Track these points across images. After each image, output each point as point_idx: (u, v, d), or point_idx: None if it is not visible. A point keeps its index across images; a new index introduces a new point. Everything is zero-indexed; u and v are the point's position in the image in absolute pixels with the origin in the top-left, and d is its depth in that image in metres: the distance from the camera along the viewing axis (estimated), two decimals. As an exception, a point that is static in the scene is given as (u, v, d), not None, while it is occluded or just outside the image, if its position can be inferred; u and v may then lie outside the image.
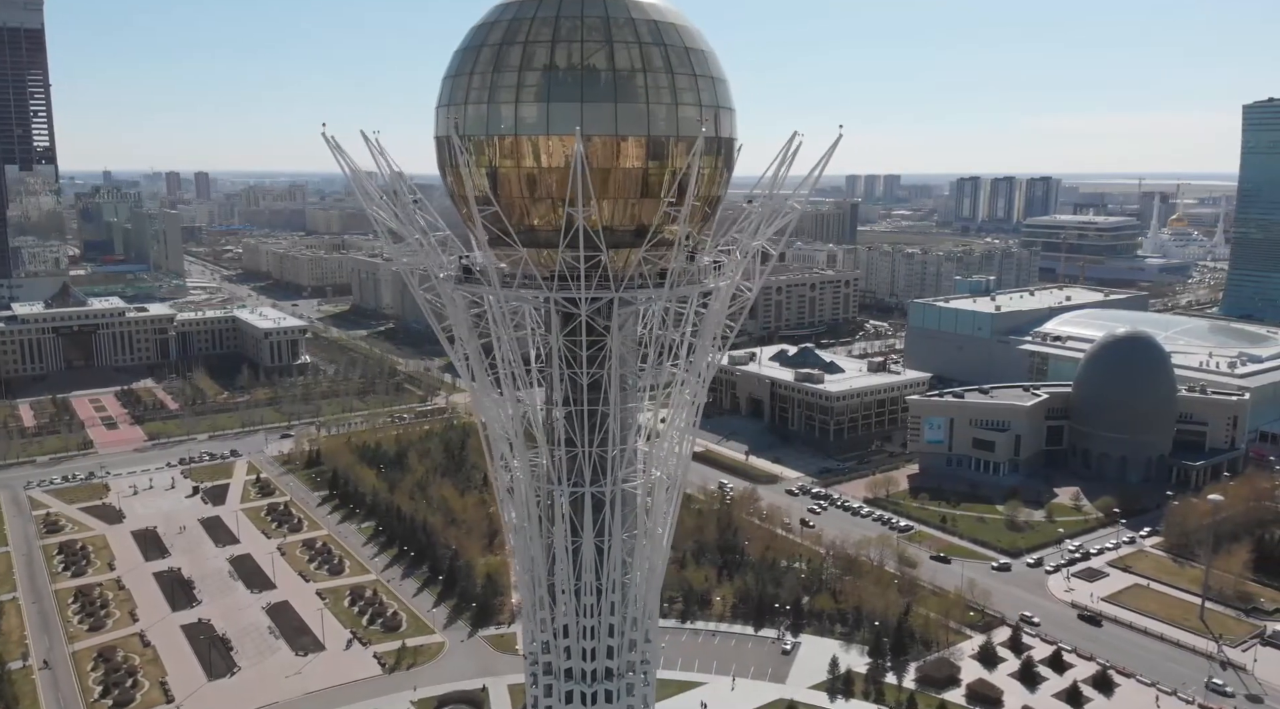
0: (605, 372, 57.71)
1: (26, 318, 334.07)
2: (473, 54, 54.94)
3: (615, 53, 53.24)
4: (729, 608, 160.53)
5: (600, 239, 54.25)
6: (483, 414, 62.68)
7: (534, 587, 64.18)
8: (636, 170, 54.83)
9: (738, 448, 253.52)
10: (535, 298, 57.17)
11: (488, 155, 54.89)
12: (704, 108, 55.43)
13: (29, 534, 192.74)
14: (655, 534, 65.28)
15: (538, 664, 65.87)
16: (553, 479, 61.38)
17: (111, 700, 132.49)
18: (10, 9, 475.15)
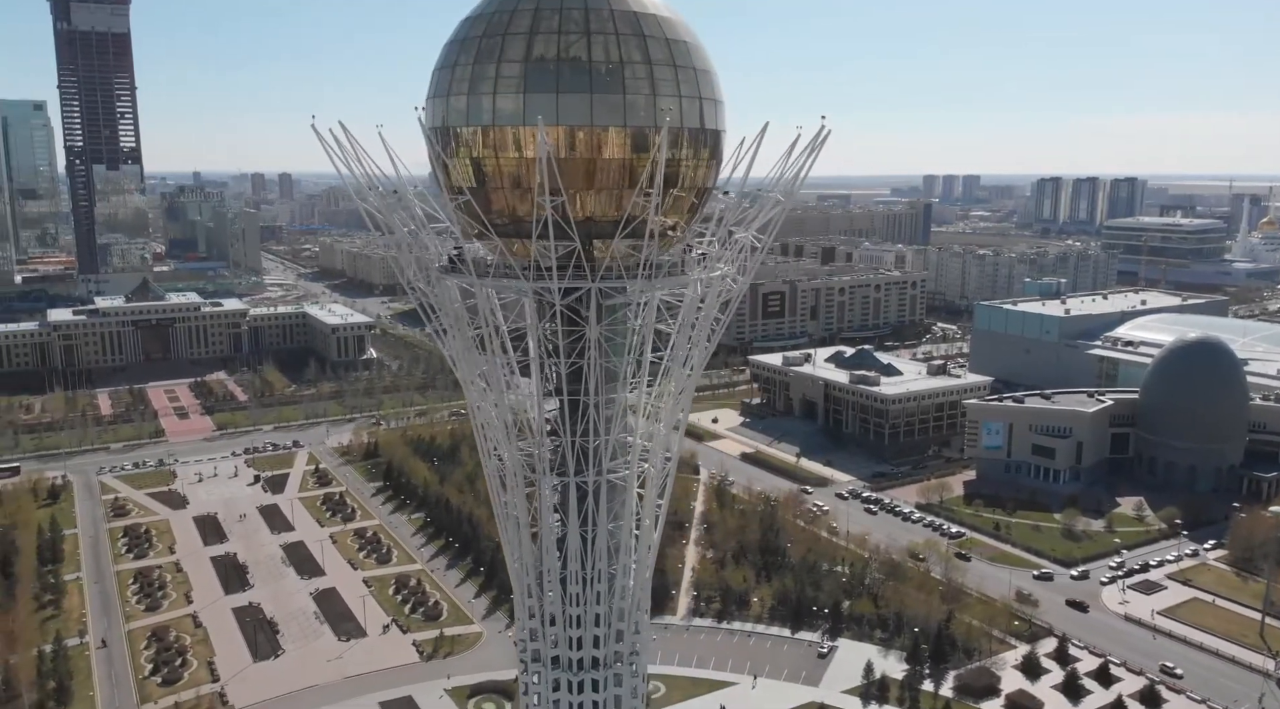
0: (585, 362, 58.00)
1: (107, 311, 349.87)
2: (456, 46, 55.89)
3: (593, 44, 53.51)
4: (767, 609, 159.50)
5: (573, 230, 54.57)
6: (473, 403, 63.54)
7: (522, 575, 64.88)
8: (618, 161, 55.01)
9: (789, 450, 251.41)
10: (512, 288, 57.81)
11: (471, 147, 55.72)
12: (684, 98, 55.31)
13: (97, 517, 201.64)
14: (643, 526, 65.31)
15: (526, 651, 66.55)
16: (539, 468, 61.90)
17: (160, 679, 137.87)
18: (98, 14, 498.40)
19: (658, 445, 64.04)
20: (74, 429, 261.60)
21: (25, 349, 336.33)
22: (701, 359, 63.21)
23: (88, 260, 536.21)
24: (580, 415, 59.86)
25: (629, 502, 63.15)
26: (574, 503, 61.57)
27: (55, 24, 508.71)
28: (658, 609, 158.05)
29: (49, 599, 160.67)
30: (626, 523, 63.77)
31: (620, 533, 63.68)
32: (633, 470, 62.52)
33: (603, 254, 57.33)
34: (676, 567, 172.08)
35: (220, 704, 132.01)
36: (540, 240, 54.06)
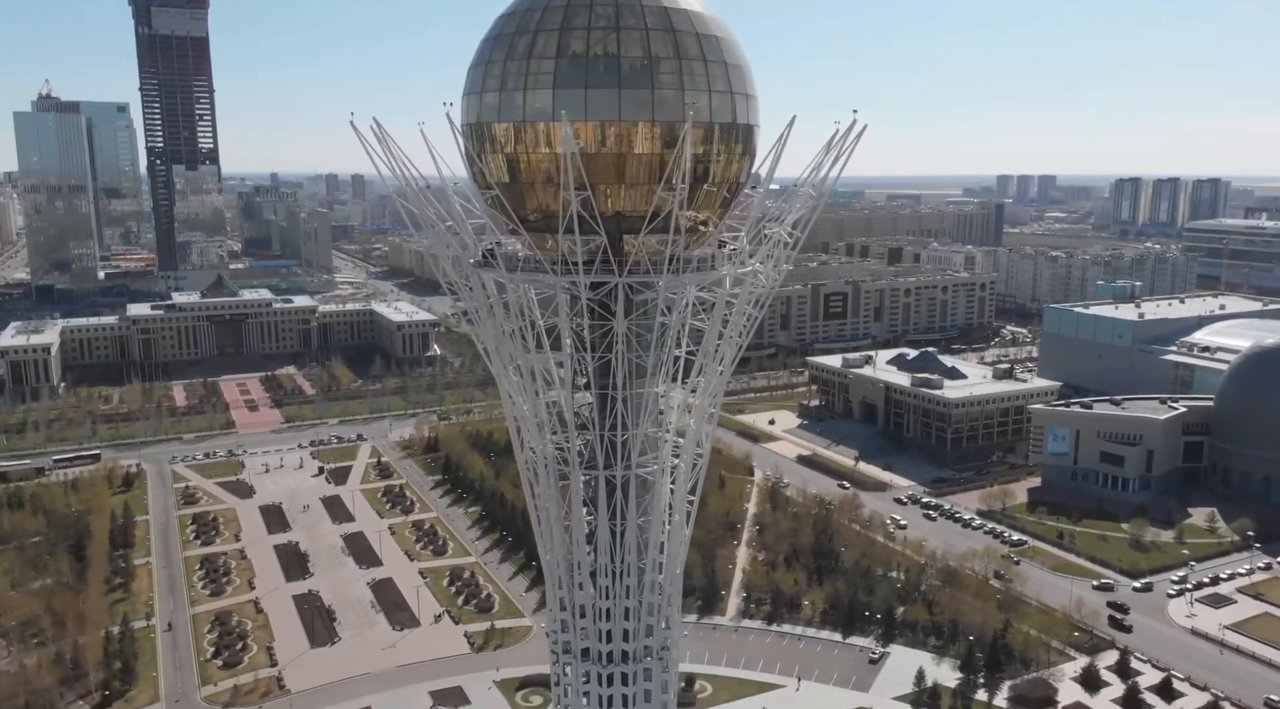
0: (613, 356, 58.24)
1: (184, 306, 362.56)
2: (490, 43, 56.62)
3: (623, 39, 53.73)
4: (818, 613, 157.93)
5: (599, 225, 54.83)
6: (507, 397, 64.25)
7: (554, 567, 65.42)
8: (648, 157, 55.10)
9: (847, 453, 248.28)
10: (542, 282, 58.32)
11: (504, 143, 56.39)
12: (714, 93, 55.17)
13: (168, 505, 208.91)
14: (673, 521, 65.24)
15: (558, 643, 67.09)
16: (569, 462, 62.34)
17: (221, 662, 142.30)
18: (177, 19, 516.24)
19: (690, 441, 63.96)
20: (149, 419, 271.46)
21: (106, 342, 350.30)
22: (733, 355, 62.94)
23: (167, 257, 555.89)
24: (610, 409, 60.13)
25: (658, 496, 63.14)
26: (603, 497, 61.85)
27: (137, 28, 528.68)
28: (706, 609, 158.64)
29: (119, 582, 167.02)
30: (656, 517, 63.80)
31: (651, 527, 63.72)
32: (662, 465, 62.53)
33: (633, 249, 57.52)
34: (727, 567, 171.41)
35: (277, 688, 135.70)
36: (568, 235, 54.44)
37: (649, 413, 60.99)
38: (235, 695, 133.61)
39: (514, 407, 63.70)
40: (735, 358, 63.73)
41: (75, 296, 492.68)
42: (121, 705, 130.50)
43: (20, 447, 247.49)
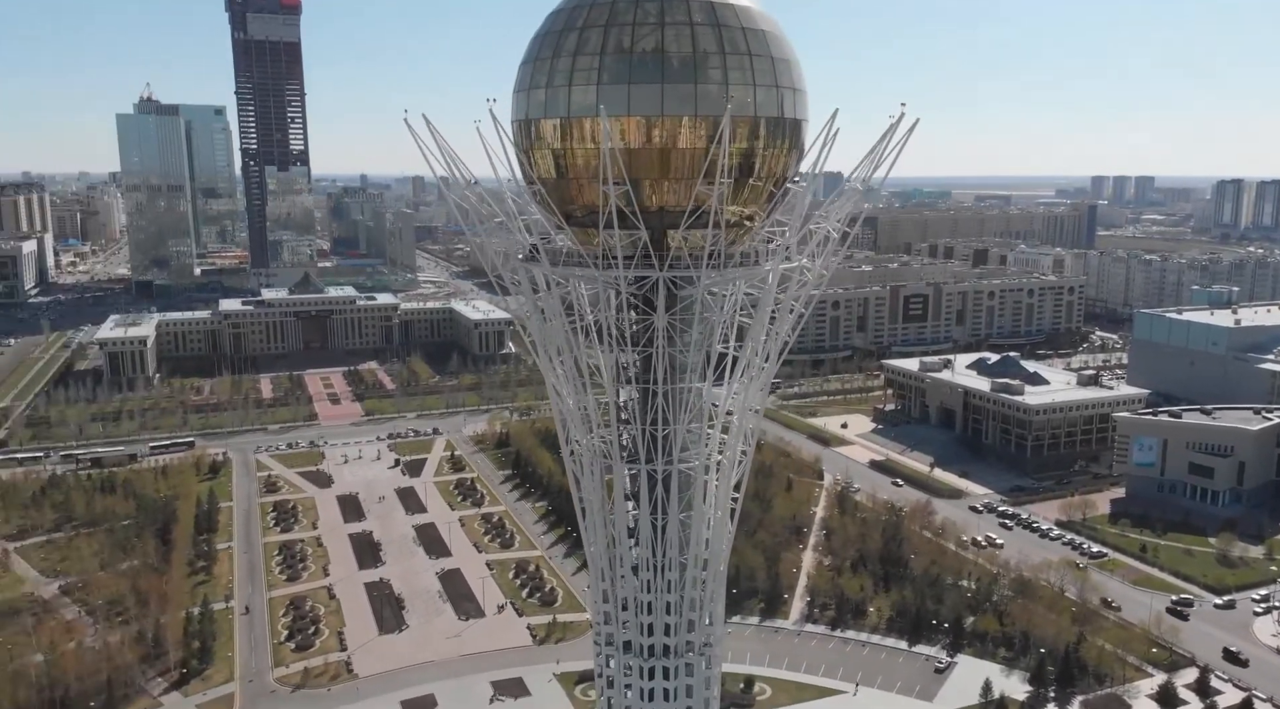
0: (654, 350, 58.42)
1: (272, 302, 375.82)
2: (539, 40, 57.39)
3: (667, 35, 53.87)
4: (884, 620, 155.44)
5: (639, 220, 55.08)
6: (553, 390, 65.03)
7: (597, 559, 65.93)
8: (692, 151, 55.13)
9: (922, 459, 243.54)
10: (584, 276, 58.86)
11: (550, 139, 57.11)
12: (760, 87, 54.88)
13: (251, 492, 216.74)
14: (715, 516, 65.07)
15: (600, 635, 67.58)
16: (611, 455, 62.75)
17: (294, 645, 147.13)
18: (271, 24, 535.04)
19: (734, 437, 63.74)
20: (237, 410, 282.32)
21: (199, 336, 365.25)
22: (778, 352, 62.47)
23: (259, 255, 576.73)
24: (651, 404, 60.35)
25: (699, 492, 63.08)
26: (645, 490, 62.10)
27: (233, 34, 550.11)
28: (769, 612, 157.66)
29: (201, 565, 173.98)
30: (698, 513, 63.72)
31: (693, 522, 63.70)
32: (704, 461, 62.44)
33: (678, 244, 57.64)
34: (791, 571, 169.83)
35: (346, 672, 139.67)
36: (608, 230, 54.87)
37: (690, 408, 61.00)
38: (305, 678, 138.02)
39: (559, 400, 64.44)
40: (781, 355, 63.27)
41: (172, 292, 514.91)
42: (199, 684, 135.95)
43: (116, 434, 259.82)
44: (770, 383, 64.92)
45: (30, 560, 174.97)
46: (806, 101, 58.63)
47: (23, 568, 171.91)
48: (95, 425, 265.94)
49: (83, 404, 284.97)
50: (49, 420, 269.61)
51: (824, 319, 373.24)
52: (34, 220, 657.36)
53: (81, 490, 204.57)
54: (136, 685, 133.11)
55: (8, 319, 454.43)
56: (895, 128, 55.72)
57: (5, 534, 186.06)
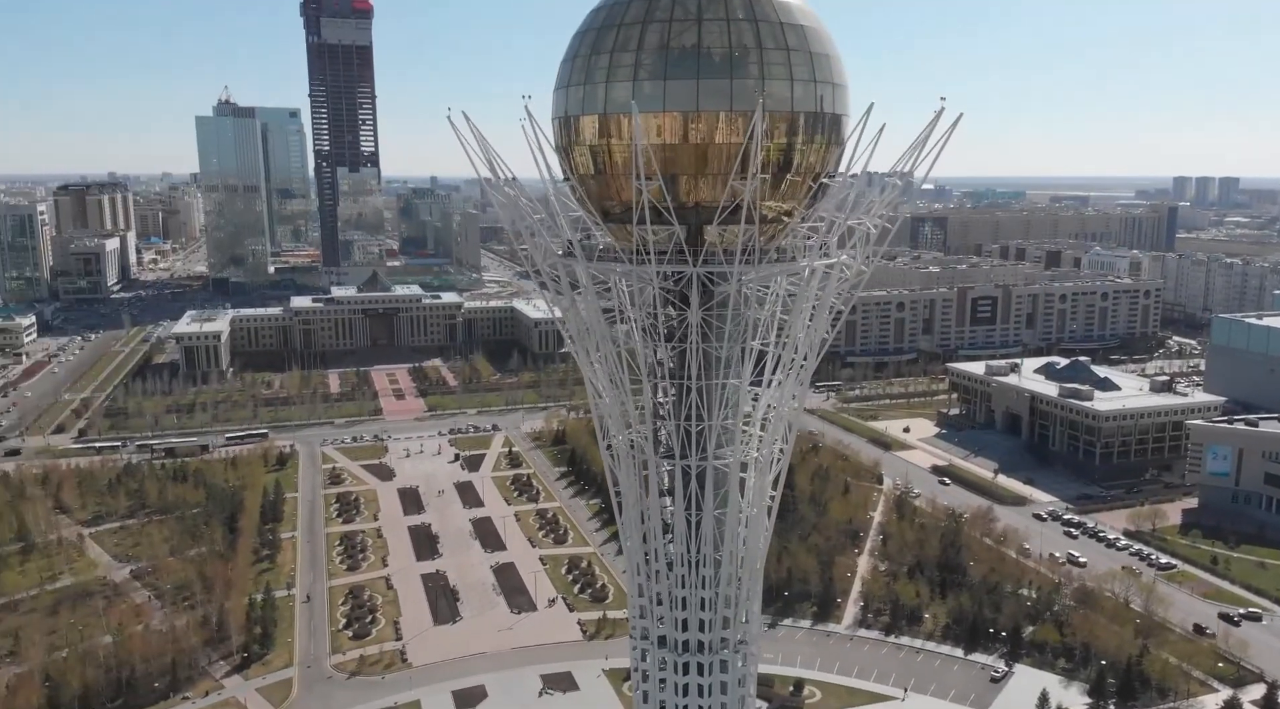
0: (687, 346, 58.45)
1: (341, 300, 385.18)
2: (579, 38, 57.88)
3: (704, 30, 53.84)
4: (940, 627, 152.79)
5: (672, 215, 55.18)
6: (590, 384, 65.51)
7: (634, 554, 66.18)
8: (729, 147, 55.01)
9: (986, 465, 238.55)
10: (617, 271, 59.15)
11: (588, 136, 57.57)
12: (798, 82, 54.53)
13: (316, 484, 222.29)
14: (751, 514, 64.77)
15: (636, 628, 67.83)
16: (647, 451, 62.95)
17: (351, 632, 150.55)
18: (344, 28, 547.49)
19: (771, 434, 63.42)
20: (305, 404, 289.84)
21: (271, 332, 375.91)
22: (817, 349, 61.96)
23: (331, 254, 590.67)
24: (686, 400, 60.40)
25: (733, 488, 62.90)
26: (679, 486, 62.18)
27: (308, 38, 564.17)
28: (821, 616, 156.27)
29: (266, 553, 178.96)
30: (733, 510, 63.55)
31: (728, 519, 63.55)
32: (739, 458, 62.23)
33: (714, 239, 57.65)
34: (845, 576, 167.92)
35: (400, 661, 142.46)
36: (641, 225, 55.10)
37: (725, 405, 60.90)
38: (361, 665, 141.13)
39: (597, 396, 64.90)
40: (821, 352, 62.74)
41: (247, 289, 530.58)
42: (259, 668, 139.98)
43: (189, 425, 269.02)
44: (809, 380, 64.37)
45: (104, 545, 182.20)
46: (847, 96, 58.11)
47: (96, 552, 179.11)
48: (170, 417, 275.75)
49: (159, 396, 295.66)
50: (127, 411, 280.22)
51: (888, 321, 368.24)
52: (118, 219, 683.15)
53: (155, 479, 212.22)
54: (200, 668, 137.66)
55: (91, 314, 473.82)
56: (936, 123, 54.86)
57: (81, 519, 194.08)
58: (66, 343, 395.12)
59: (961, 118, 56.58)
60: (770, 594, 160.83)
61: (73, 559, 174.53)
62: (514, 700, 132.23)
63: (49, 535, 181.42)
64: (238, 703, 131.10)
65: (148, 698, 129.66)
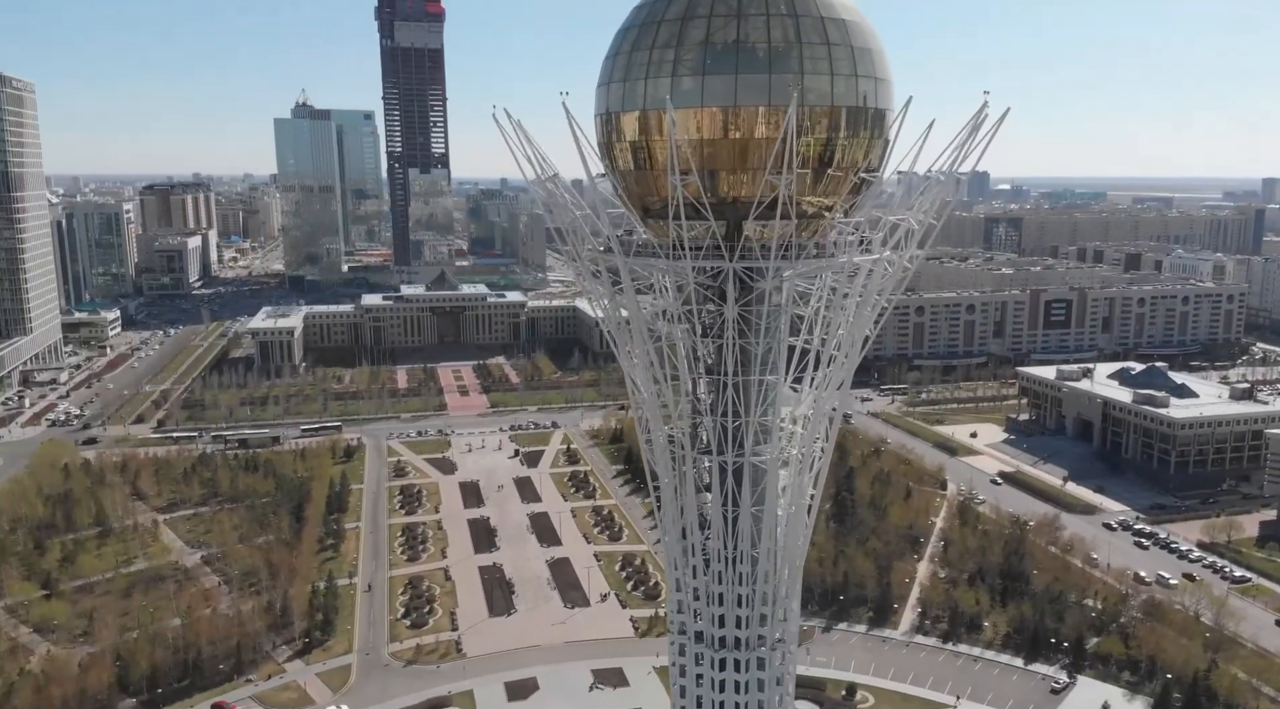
0: (724, 341, 58.43)
1: (410, 298, 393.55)
2: (621, 35, 58.31)
3: (743, 26, 53.79)
4: (1000, 636, 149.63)
5: (707, 211, 55.24)
6: (630, 379, 65.93)
7: (672, 548, 66.38)
8: (769, 142, 54.83)
9: (1055, 472, 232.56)
10: (655, 266, 59.43)
11: (629, 131, 57.96)
12: (838, 77, 54.16)
13: (381, 476, 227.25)
14: (790, 512, 64.40)
15: (674, 623, 68.04)
16: (685, 446, 63.12)
17: (409, 622, 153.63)
18: (417, 32, 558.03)
19: (810, 432, 63.01)
20: (373, 399, 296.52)
21: (342, 328, 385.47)
22: (856, 347, 61.39)
23: (402, 254, 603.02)
24: (723, 396, 60.42)
25: (770, 485, 62.66)
26: (716, 482, 62.22)
27: (382, 42, 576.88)
28: (878, 621, 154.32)
29: (330, 543, 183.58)
30: (771, 506, 63.31)
31: (765, 516, 63.35)
32: (775, 455, 61.98)
33: (755, 235, 57.58)
34: (904, 581, 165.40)
35: (455, 651, 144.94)
36: (678, 221, 55.33)
37: (763, 402, 60.72)
38: (418, 654, 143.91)
39: (636, 391, 65.31)
40: (863, 350, 62.17)
41: (322, 287, 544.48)
42: (320, 653, 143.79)
43: (262, 417, 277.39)
44: (850, 378, 63.82)
45: (177, 531, 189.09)
46: (891, 91, 57.51)
47: (170, 538, 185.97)
48: (244, 409, 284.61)
49: (234, 389, 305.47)
50: (203, 403, 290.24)
51: (958, 323, 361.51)
52: (200, 218, 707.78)
53: (228, 468, 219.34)
54: (263, 652, 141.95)
55: (173, 309, 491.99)
56: (980, 118, 53.95)
57: (157, 506, 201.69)
58: (149, 337, 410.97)
59: (1008, 113, 55.66)
60: (826, 598, 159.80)
61: (147, 544, 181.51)
62: (564, 694, 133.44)
63: (126, 521, 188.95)
64: (298, 687, 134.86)
65: (213, 679, 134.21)
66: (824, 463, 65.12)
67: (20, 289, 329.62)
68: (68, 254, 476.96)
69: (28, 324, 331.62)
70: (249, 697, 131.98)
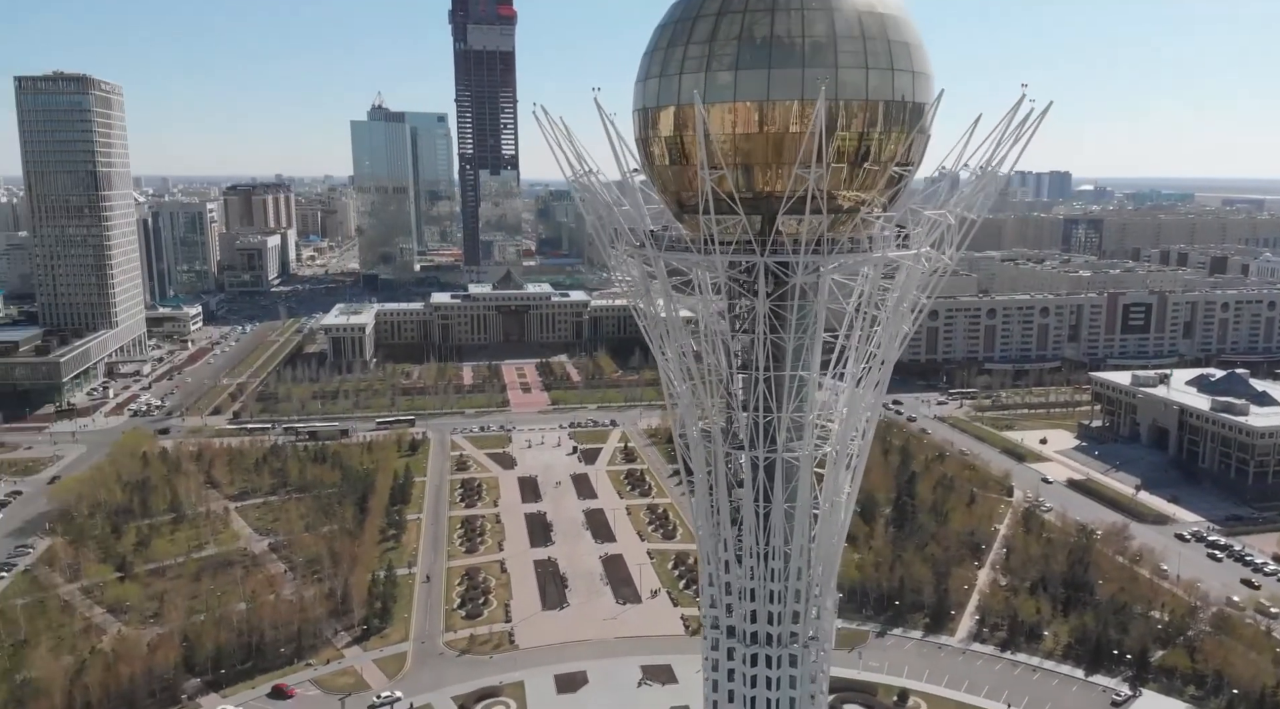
0: (755, 336, 58.39)
1: (477, 297, 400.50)
2: (659, 30, 58.71)
3: (776, 20, 53.72)
4: (1061, 646, 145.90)
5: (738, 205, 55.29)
6: (664, 374, 66.32)
7: (705, 543, 66.55)
8: (804, 136, 54.62)
9: (1127, 481, 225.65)
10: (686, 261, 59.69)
11: (665, 126, 58.37)
12: (873, 70, 53.76)
13: (443, 470, 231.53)
14: (824, 509, 64.00)
15: (706, 617, 68.19)
16: (716, 441, 63.21)
17: (464, 612, 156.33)
18: (489, 35, 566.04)
19: (846, 428, 62.57)
20: (439, 394, 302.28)
21: (412, 326, 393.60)
22: (894, 344, 60.76)
23: (472, 254, 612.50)
24: (755, 391, 60.39)
25: (802, 481, 62.37)
26: (749, 478, 62.20)
27: (455, 45, 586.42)
28: (934, 628, 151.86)
29: (392, 533, 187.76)
30: (804, 503, 63.02)
31: (798, 513, 63.09)
32: (808, 452, 61.68)
33: (789, 229, 57.48)
34: (962, 588, 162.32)
35: (508, 642, 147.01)
36: (706, 215, 55.55)
37: (795, 397, 60.50)
38: (471, 644, 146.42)
39: (670, 385, 65.68)
40: (897, 345, 61.51)
41: (394, 286, 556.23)
42: (377, 640, 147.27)
43: (332, 411, 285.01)
44: (888, 376, 63.19)
45: (247, 518, 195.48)
46: (930, 85, 56.86)
47: (240, 525, 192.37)
48: (315, 402, 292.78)
49: (307, 383, 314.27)
50: (277, 396, 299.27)
51: (1030, 326, 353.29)
52: (280, 218, 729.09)
53: (297, 459, 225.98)
54: (323, 637, 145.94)
55: (252, 305, 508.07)
56: (1016, 112, 53.08)
57: (229, 494, 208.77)
58: (228, 332, 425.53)
59: (1051, 106, 54.62)
60: (882, 602, 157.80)
61: (218, 530, 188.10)
62: (613, 688, 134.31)
63: (199, 508, 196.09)
64: (355, 672, 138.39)
65: (274, 662, 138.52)
66: (860, 461, 64.60)
67: (107, 284, 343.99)
68: (153, 251, 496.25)
69: (114, 318, 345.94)
70: (308, 680, 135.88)
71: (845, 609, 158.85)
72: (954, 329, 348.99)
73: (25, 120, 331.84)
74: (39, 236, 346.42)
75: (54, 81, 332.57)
